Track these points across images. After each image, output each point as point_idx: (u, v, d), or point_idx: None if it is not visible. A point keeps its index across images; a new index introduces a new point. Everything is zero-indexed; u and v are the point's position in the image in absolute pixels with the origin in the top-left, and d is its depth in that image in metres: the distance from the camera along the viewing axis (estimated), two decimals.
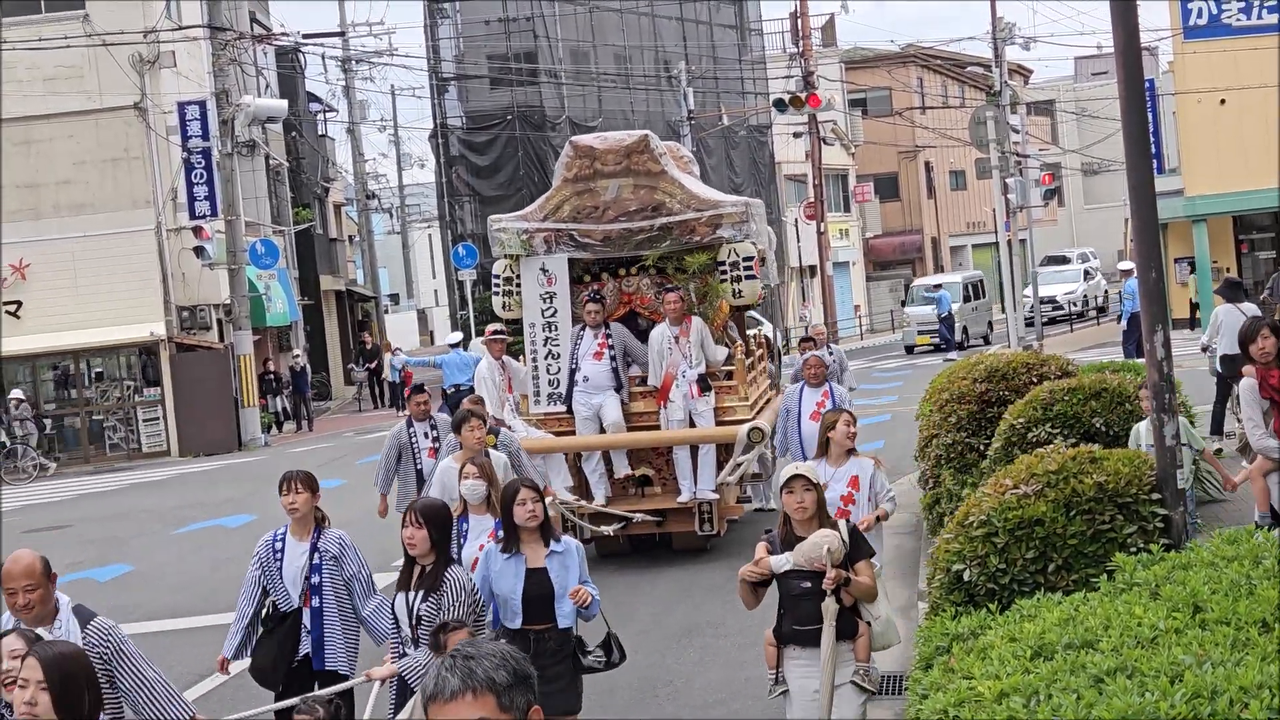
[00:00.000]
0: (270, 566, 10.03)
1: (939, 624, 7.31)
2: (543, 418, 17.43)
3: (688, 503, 17.03)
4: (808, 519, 8.74)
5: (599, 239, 17.22)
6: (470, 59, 54.64)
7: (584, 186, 17.33)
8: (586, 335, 17.06)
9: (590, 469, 17.30)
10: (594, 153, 17.34)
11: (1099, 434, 10.64)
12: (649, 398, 17.20)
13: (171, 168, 39.05)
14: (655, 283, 17.44)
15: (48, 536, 24.95)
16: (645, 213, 17.10)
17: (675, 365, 16.83)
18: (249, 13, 48.66)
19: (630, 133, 17.96)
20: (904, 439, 22.03)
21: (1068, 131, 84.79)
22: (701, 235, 17.07)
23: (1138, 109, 8.33)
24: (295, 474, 10.09)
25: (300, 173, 54.86)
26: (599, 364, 16.98)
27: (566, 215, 17.30)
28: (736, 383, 17.21)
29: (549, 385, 17.42)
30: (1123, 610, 6.34)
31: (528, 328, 17.54)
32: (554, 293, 17.40)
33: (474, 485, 10.53)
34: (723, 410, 17.04)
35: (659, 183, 17.24)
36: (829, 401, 15.50)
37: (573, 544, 9.50)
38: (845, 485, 11.17)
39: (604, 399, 16.99)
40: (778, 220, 61.35)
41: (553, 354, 17.40)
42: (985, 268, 74.67)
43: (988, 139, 37.89)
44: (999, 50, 45.86)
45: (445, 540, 9.06)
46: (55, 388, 40.41)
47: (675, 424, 16.99)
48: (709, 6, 59.49)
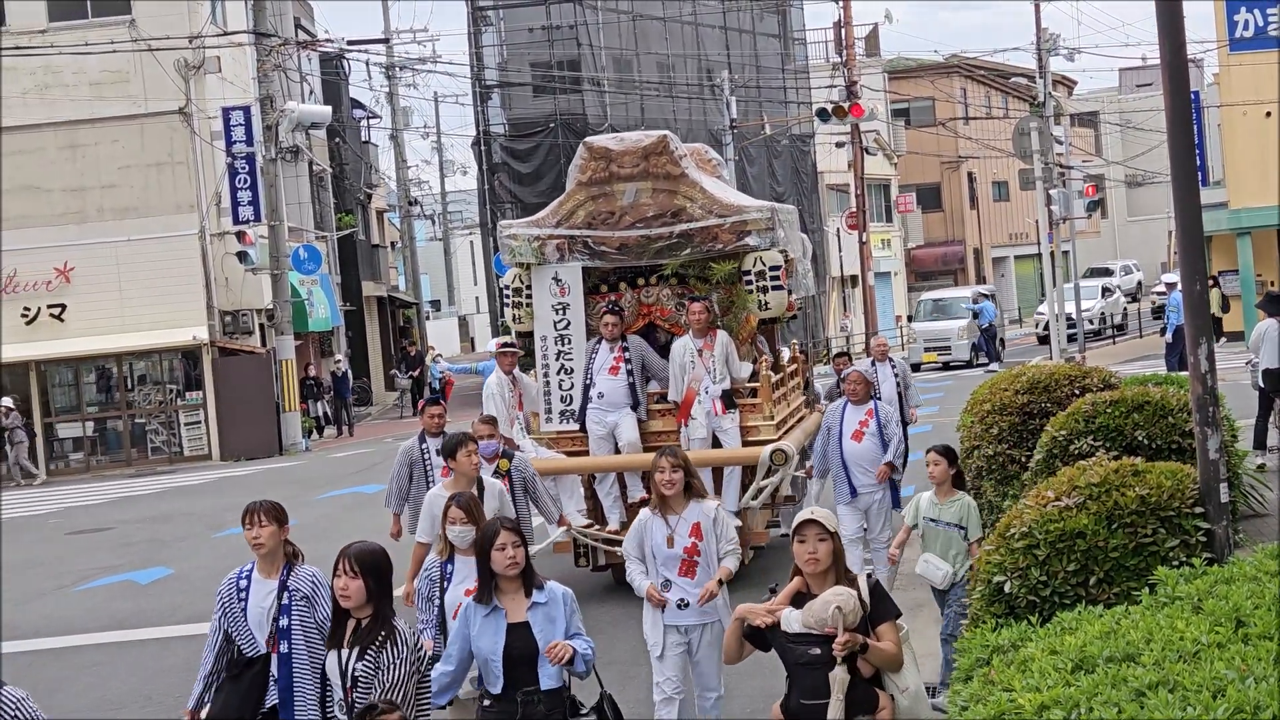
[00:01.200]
0: (233, 608, 9.00)
1: (979, 636, 7.28)
2: (554, 437, 16.39)
3: None
4: (821, 573, 7.74)
5: (615, 246, 16.13)
6: (513, 66, 54.70)
7: (599, 190, 16.26)
8: (602, 349, 16.00)
9: (604, 491, 16.31)
10: (610, 154, 16.25)
11: (1141, 447, 10.58)
12: (668, 416, 16.16)
13: (216, 173, 39.23)
14: (676, 293, 16.32)
15: (89, 539, 25.09)
16: (664, 218, 16.03)
17: (698, 380, 15.78)
18: (294, 19, 48.82)
19: (648, 133, 16.88)
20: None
21: (1111, 143, 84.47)
22: (725, 242, 15.97)
23: (1183, 121, 8.30)
24: (259, 505, 9.05)
25: (343, 179, 55.02)
26: (615, 379, 15.94)
27: (581, 221, 16.24)
28: (761, 400, 16.10)
29: (561, 402, 16.42)
30: (1165, 624, 6.31)
31: (539, 341, 16.46)
32: (567, 304, 16.35)
33: (462, 532, 9.37)
34: (746, 429, 16.00)
35: (679, 186, 16.15)
36: (873, 421, 14.95)
37: (559, 592, 8.29)
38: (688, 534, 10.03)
39: (620, 417, 15.98)
40: (819, 230, 61.32)
41: (566, 369, 16.40)
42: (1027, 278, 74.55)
43: (1031, 150, 37.80)
44: (1043, 61, 45.75)
45: (385, 591, 7.87)
46: (98, 391, 40.60)
47: (697, 443, 15.75)
48: (752, 15, 59.42)
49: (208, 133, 38.97)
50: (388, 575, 7.88)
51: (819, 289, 60.87)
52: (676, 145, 16.33)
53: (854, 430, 14.94)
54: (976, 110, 75.46)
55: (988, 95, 78.33)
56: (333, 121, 46.91)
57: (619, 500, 16.27)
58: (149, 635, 16.46)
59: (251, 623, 8.91)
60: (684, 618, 10.14)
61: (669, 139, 16.32)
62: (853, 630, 7.46)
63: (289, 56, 43.46)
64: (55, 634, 17.10)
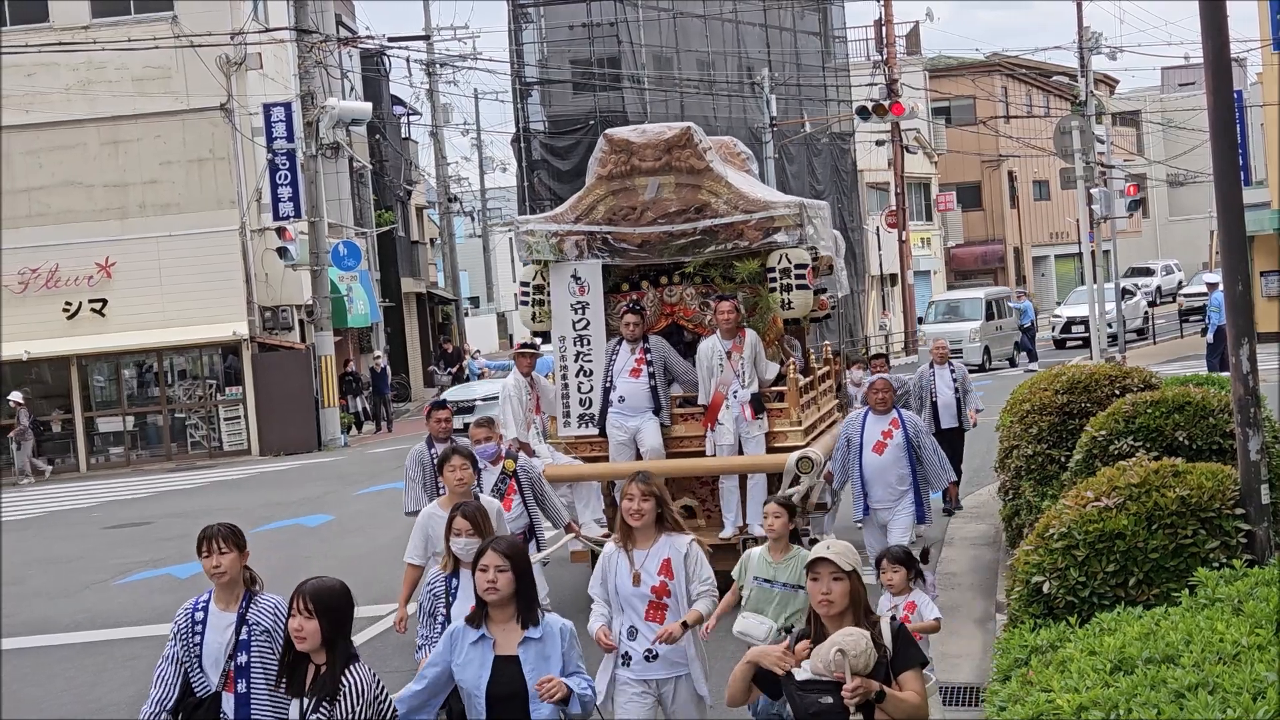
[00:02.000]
0: (189, 642, 8.13)
1: (1017, 636, 7.26)
2: (572, 441, 15.72)
3: (730, 539, 15.05)
4: (836, 615, 6.85)
5: (637, 243, 15.42)
6: (553, 64, 54.77)
7: (620, 185, 15.51)
8: (623, 350, 15.34)
9: None
10: (631, 147, 15.49)
11: (1182, 447, 10.52)
12: (691, 420, 15.47)
13: (256, 169, 39.37)
14: (700, 292, 15.66)
15: (129, 533, 25.20)
16: (688, 214, 15.28)
17: (726, 384, 15.02)
18: (335, 15, 48.97)
19: (671, 125, 16.01)
20: (984, 449, 21.90)
21: (1153, 142, 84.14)
22: (751, 240, 15.23)
23: (1226, 120, 8.26)
24: (218, 530, 8.22)
25: (383, 175, 55.15)
26: (636, 382, 15.25)
27: (601, 217, 15.51)
28: (788, 405, 15.29)
29: (580, 406, 15.72)
30: (1204, 625, 6.28)
31: (557, 341, 15.77)
32: (587, 303, 15.63)
33: (467, 544, 8.75)
34: (773, 435, 15.22)
35: (703, 181, 15.37)
36: (898, 432, 13.91)
37: (556, 626, 7.42)
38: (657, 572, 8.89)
39: (641, 422, 15.29)
40: (859, 228, 61.23)
41: (585, 371, 15.68)
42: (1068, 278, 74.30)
43: (1072, 149, 37.64)
44: (1085, 60, 45.56)
45: (343, 633, 7.09)
46: (138, 385, 40.79)
47: (724, 449, 15.16)
48: (793, 13, 59.35)
49: (249, 129, 39.10)
50: (347, 615, 7.13)
51: (858, 287, 60.90)
52: (700, 138, 15.62)
53: (875, 442, 13.93)
54: (1017, 109, 75.24)
55: (1029, 94, 78.08)
56: (373, 118, 47.01)
57: None
58: None
59: (207, 659, 8.09)
60: (652, 670, 8.93)
61: (692, 131, 15.59)
62: (867, 676, 6.55)
63: (330, 53, 43.60)
64: (95, 627, 17.18)
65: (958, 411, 20.26)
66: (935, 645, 13.00)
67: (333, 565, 19.79)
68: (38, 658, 15.91)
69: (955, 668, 12.31)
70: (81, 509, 29.95)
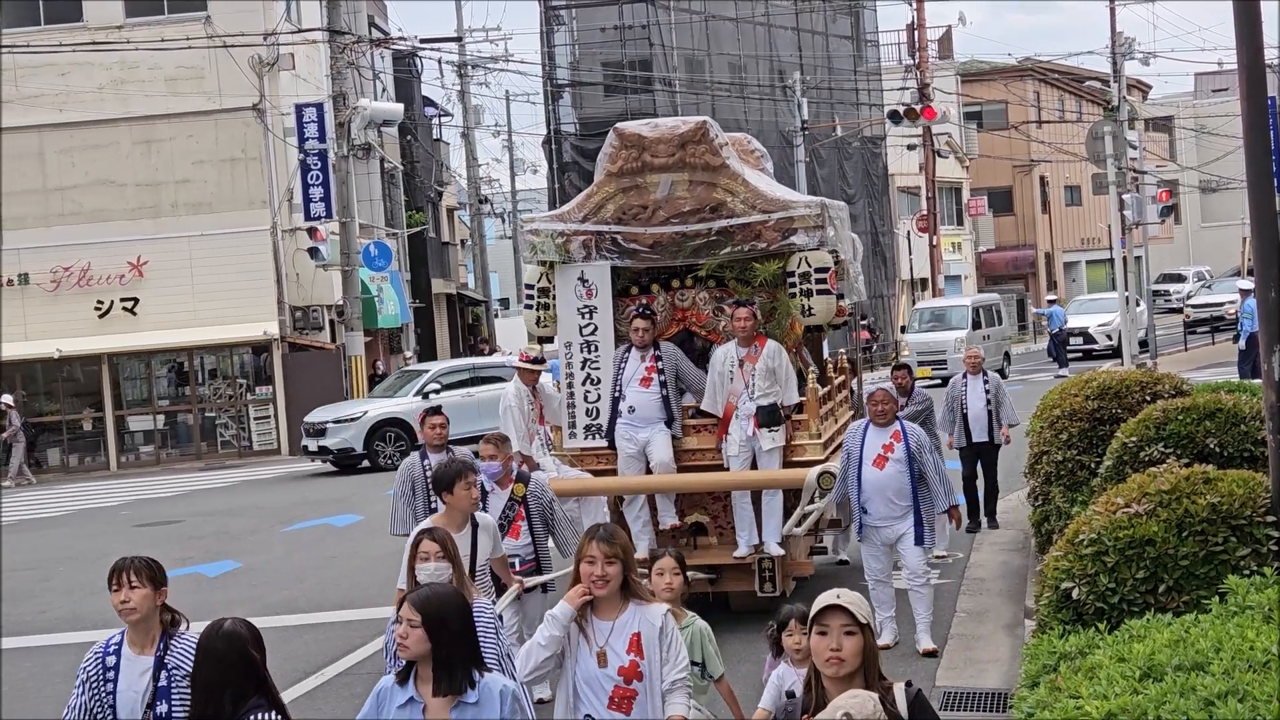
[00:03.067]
0: (99, 690, 7.23)
1: (1046, 642, 7.24)
2: (579, 454, 14.90)
3: (745, 558, 14.34)
4: (845, 677, 5.64)
5: (648, 244, 14.59)
6: (585, 66, 54.82)
7: (631, 182, 14.66)
8: (632, 357, 14.52)
9: (633, 515, 14.65)
10: (643, 142, 14.62)
11: (1213, 454, 10.47)
12: (705, 432, 14.69)
13: (288, 169, 39.49)
14: (714, 296, 14.84)
15: (158, 531, 25.28)
16: (702, 214, 14.45)
17: (736, 394, 14.23)
18: (368, 16, 49.07)
19: (685, 119, 15.10)
20: (1013, 454, 21.83)
21: (1186, 148, 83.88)
22: (769, 241, 14.40)
23: (1260, 126, 8.22)
24: (129, 562, 7.33)
25: (414, 176, 55.25)
26: (646, 391, 14.44)
27: (610, 216, 14.67)
28: (807, 416, 14.52)
29: (587, 416, 14.83)
30: (1235, 633, 6.26)
31: (563, 348, 14.96)
32: (594, 306, 14.78)
33: (437, 569, 7.92)
34: (791, 449, 14.44)
35: (719, 178, 14.54)
36: (899, 446, 13.07)
37: (496, 688, 6.35)
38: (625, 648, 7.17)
39: (651, 433, 14.47)
40: (889, 232, 61.16)
41: (592, 379, 14.81)
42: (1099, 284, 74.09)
43: (1105, 154, 37.52)
44: (1118, 65, 45.45)
45: (253, 679, 6.43)
46: (169, 384, 40.92)
47: (731, 461, 14.38)
48: (825, 17, 59.34)
49: (281, 129, 39.23)
50: (254, 661, 6.45)
51: (887, 291, 60.85)
52: (716, 133, 14.75)
53: (876, 456, 13.12)
54: (1049, 113, 75.06)
55: (1061, 98, 77.90)
56: (404, 119, 47.11)
57: (648, 526, 14.71)
58: None
59: (121, 710, 7.19)
60: None
61: (708, 125, 14.75)
62: None
63: (362, 54, 43.71)
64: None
65: (989, 425, 19.17)
66: (962, 651, 13.00)
67: (360, 565, 19.84)
68: (67, 654, 15.95)
69: (983, 673, 12.29)
70: (111, 507, 30.06)
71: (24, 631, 17.28)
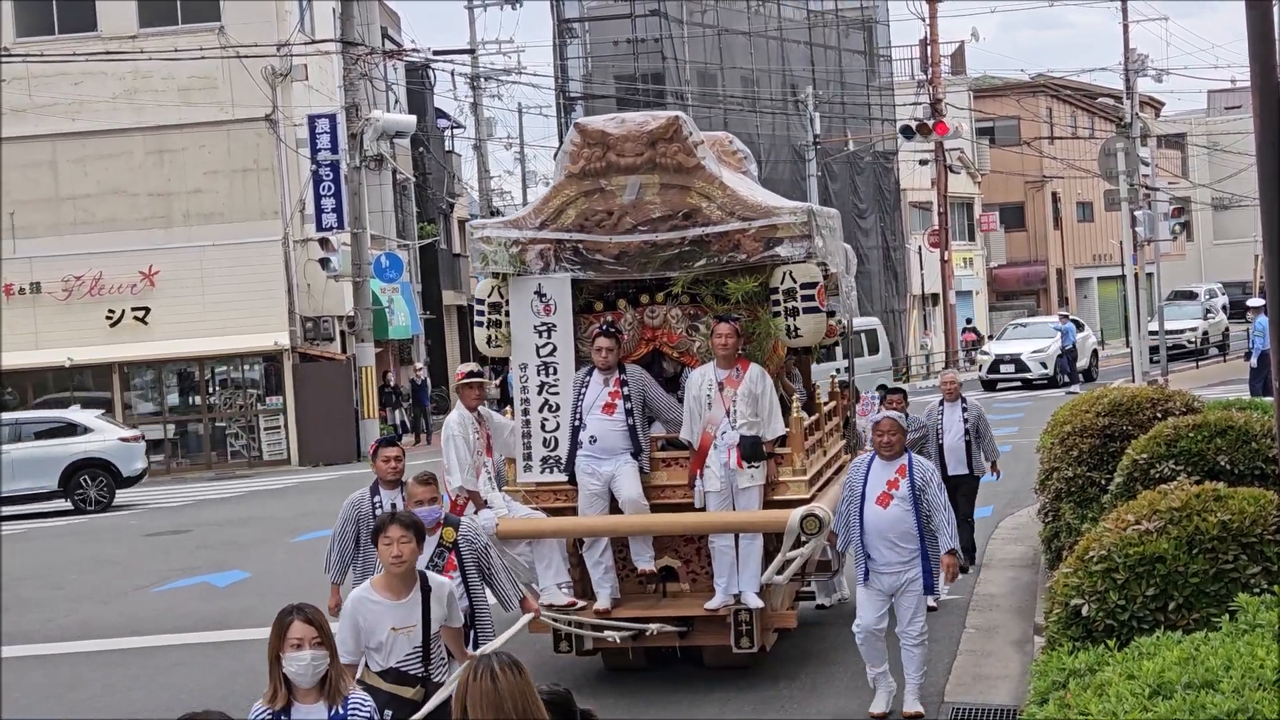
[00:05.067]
0: None
1: (1056, 659, 7.22)
2: (534, 489, 13.21)
3: (720, 610, 12.56)
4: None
5: (613, 254, 12.94)
6: (597, 79, 54.92)
7: (594, 185, 12.99)
8: (595, 381, 12.81)
9: (594, 560, 12.88)
10: (607, 140, 12.94)
11: (1224, 472, 10.46)
12: (676, 466, 12.91)
13: (300, 180, 39.55)
14: (687, 314, 13.06)
15: (167, 540, 25.31)
16: (674, 220, 12.79)
17: (715, 423, 12.53)
18: (381, 28, 49.14)
19: (655, 114, 13.42)
20: (1024, 471, 21.83)
21: (1199, 165, 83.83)
22: (749, 252, 12.72)
23: (1273, 144, 8.21)
24: None
25: (426, 188, 55.30)
26: (610, 420, 12.70)
27: (571, 222, 13.01)
28: (791, 450, 12.83)
29: (545, 447, 13.14)
30: (1245, 651, 6.24)
31: (518, 370, 13.33)
32: (553, 324, 13.14)
33: (307, 663, 6.67)
34: (772, 486, 12.73)
35: (693, 181, 12.86)
36: (903, 481, 11.58)
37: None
38: None
39: (616, 467, 12.71)
40: (901, 247, 61.15)
41: (550, 405, 13.15)
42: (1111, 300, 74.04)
43: (1117, 171, 37.55)
44: (1130, 82, 45.43)
45: None
46: (179, 394, 40.97)
47: (711, 498, 12.62)
48: (838, 31, 59.42)
49: (293, 140, 39.29)
50: None
51: (898, 306, 60.84)
52: (690, 130, 13.05)
53: (879, 493, 11.61)
54: (1062, 130, 75.05)
55: (1073, 115, 77.89)
56: (417, 131, 47.11)
57: (611, 571, 12.91)
58: (225, 637, 16.57)
59: None
60: None
61: (681, 121, 13.06)
62: None
63: (375, 65, 43.73)
64: (133, 634, 17.24)
65: (967, 456, 17.34)
66: (971, 667, 12.97)
67: None
68: (75, 663, 15.97)
69: (992, 690, 12.27)
70: (121, 515, 30.07)
71: (33, 640, 17.28)
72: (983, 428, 17.58)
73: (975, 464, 17.43)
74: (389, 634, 8.28)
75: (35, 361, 38.42)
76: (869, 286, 58.64)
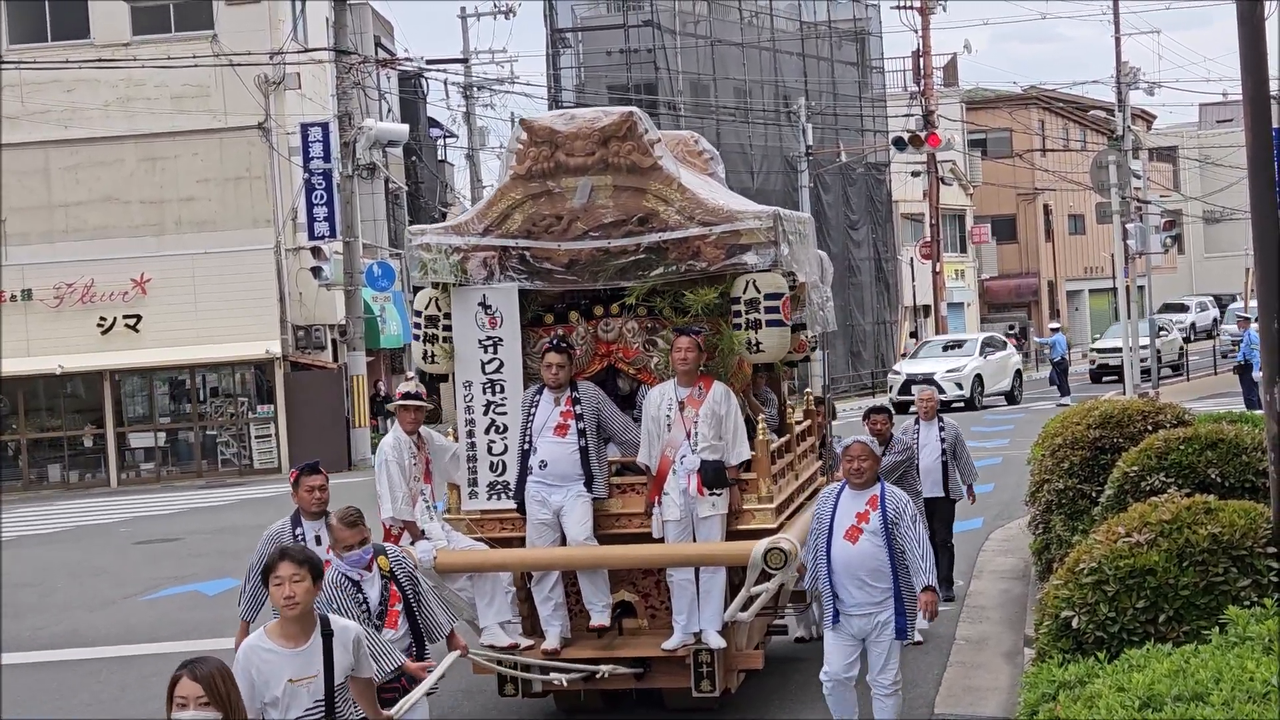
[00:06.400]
0: None
1: (1046, 671, 7.23)
2: (479, 518, 12.15)
3: (678, 651, 11.55)
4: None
5: (562, 262, 11.90)
6: (590, 89, 54.89)
7: (541, 187, 11.95)
8: (544, 400, 11.76)
9: (542, 595, 11.81)
10: (555, 138, 11.88)
11: (1214, 485, 10.48)
12: (633, 493, 11.91)
13: (292, 188, 39.52)
14: (645, 327, 11.98)
15: (158, 548, 25.27)
16: (628, 225, 11.75)
17: (675, 445, 11.49)
18: (374, 37, 49.15)
19: (608, 110, 12.24)
20: (1015, 483, 21.84)
21: (1190, 178, 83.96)
22: (709, 260, 11.66)
23: (1264, 157, 8.23)
24: None
25: (419, 197, 55.28)
26: (562, 442, 11.64)
27: (517, 228, 11.98)
28: (757, 474, 11.75)
29: (491, 471, 12.09)
30: (1235, 664, 6.25)
31: (461, 388, 12.21)
32: (499, 338, 12.08)
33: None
34: (736, 514, 11.66)
35: (648, 182, 11.80)
36: (874, 514, 10.47)
37: None
38: None
39: (567, 497, 11.65)
40: (893, 259, 61.19)
41: (497, 426, 12.11)
42: (1102, 313, 74.12)
43: (1109, 184, 37.53)
44: (1122, 94, 45.50)
45: None
46: (170, 401, 40.92)
47: (670, 526, 11.57)
48: (831, 43, 59.49)
49: (286, 148, 39.28)
50: None
51: (889, 317, 60.87)
52: (646, 127, 11.97)
53: (848, 526, 10.49)
54: (1054, 142, 75.16)
55: (1065, 127, 78.00)
56: (410, 140, 47.18)
57: (561, 609, 11.85)
58: (214, 646, 16.49)
59: None
60: None
61: (635, 117, 11.92)
62: None
63: (368, 74, 43.74)
64: (122, 642, 17.23)
65: (943, 478, 16.27)
66: (961, 679, 12.97)
67: None
68: (64, 671, 15.96)
69: (982, 701, 12.27)
70: (111, 523, 30.03)
71: (22, 647, 17.26)
72: (960, 449, 16.48)
73: (952, 486, 16.40)
74: (286, 687, 7.41)
75: (26, 369, 38.34)
76: (860, 298, 58.72)
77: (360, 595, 9.43)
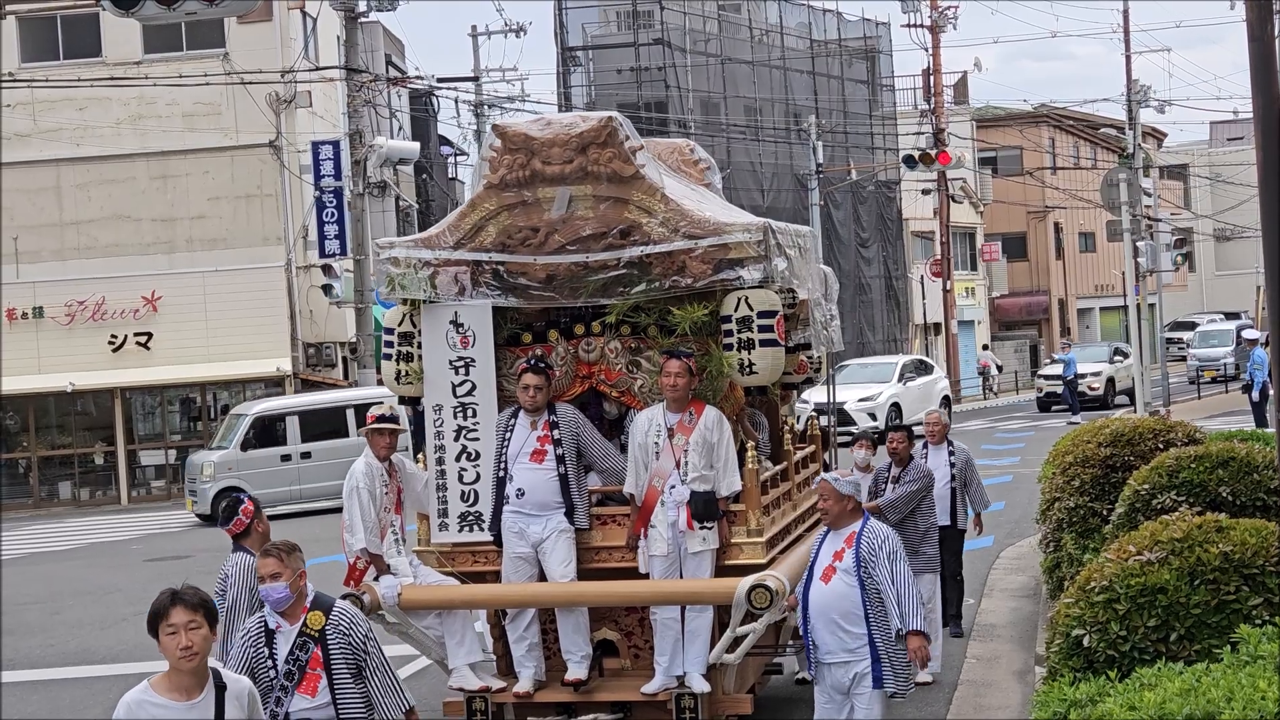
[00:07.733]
0: None
1: (1057, 689, 7.22)
2: (449, 551, 11.39)
3: (659, 695, 10.77)
4: None
5: (540, 277, 11.11)
6: (601, 107, 54.87)
7: (517, 197, 11.20)
8: (520, 424, 11.02)
9: (517, 634, 11.10)
10: (531, 144, 11.15)
11: (1225, 503, 10.47)
12: (615, 524, 11.16)
13: (303, 206, 39.60)
14: (627, 347, 11.14)
15: (168, 566, 25.26)
16: (609, 238, 10.98)
17: (664, 475, 10.74)
18: (385, 55, 49.24)
19: (586, 115, 11.51)
20: (1025, 500, 21.82)
21: (1201, 196, 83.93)
22: (696, 275, 10.81)
23: (1275, 175, 8.23)
24: None
25: (430, 214, 55.23)
26: (539, 469, 10.92)
27: (491, 241, 11.21)
28: (746, 507, 10.92)
29: (463, 501, 11.35)
30: (1246, 683, 6.24)
31: (431, 411, 11.48)
32: (471, 358, 11.31)
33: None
34: (723, 550, 10.86)
35: (630, 192, 11.03)
36: (849, 551, 9.41)
37: None
38: None
39: (546, 530, 10.92)
40: (903, 276, 61.19)
41: (469, 453, 11.37)
42: (1112, 330, 74.05)
43: (1119, 202, 37.56)
44: (1133, 113, 45.50)
45: None
46: (181, 419, 40.95)
47: (656, 562, 10.82)
48: (841, 61, 59.55)
49: (297, 166, 39.34)
50: None
51: (900, 335, 60.83)
52: (627, 133, 11.19)
53: (825, 567, 9.51)
54: (1064, 160, 75.15)
55: (1076, 145, 78.00)
56: (420, 158, 47.18)
57: (536, 649, 11.13)
58: None
59: None
60: None
61: (616, 123, 11.16)
62: None
63: (379, 92, 43.78)
64: (133, 659, 17.21)
65: (951, 506, 15.10)
66: (971, 698, 12.94)
67: None
68: (75, 689, 15.96)
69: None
70: (122, 541, 30.05)
71: (33, 665, 17.26)
72: (970, 474, 15.29)
73: (960, 515, 15.24)
74: None
75: (37, 386, 38.39)
76: (871, 316, 58.69)
77: (268, 650, 8.15)
